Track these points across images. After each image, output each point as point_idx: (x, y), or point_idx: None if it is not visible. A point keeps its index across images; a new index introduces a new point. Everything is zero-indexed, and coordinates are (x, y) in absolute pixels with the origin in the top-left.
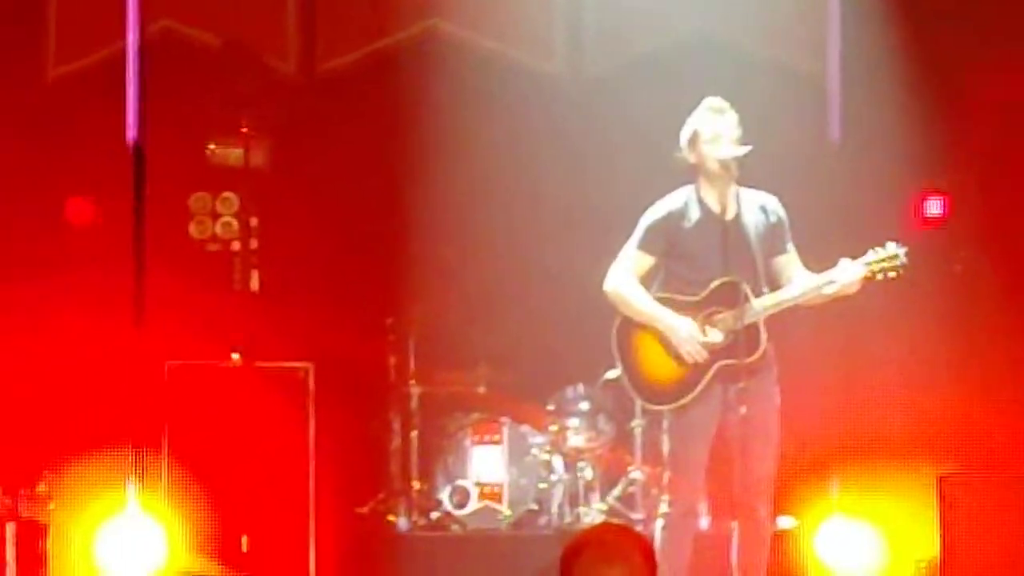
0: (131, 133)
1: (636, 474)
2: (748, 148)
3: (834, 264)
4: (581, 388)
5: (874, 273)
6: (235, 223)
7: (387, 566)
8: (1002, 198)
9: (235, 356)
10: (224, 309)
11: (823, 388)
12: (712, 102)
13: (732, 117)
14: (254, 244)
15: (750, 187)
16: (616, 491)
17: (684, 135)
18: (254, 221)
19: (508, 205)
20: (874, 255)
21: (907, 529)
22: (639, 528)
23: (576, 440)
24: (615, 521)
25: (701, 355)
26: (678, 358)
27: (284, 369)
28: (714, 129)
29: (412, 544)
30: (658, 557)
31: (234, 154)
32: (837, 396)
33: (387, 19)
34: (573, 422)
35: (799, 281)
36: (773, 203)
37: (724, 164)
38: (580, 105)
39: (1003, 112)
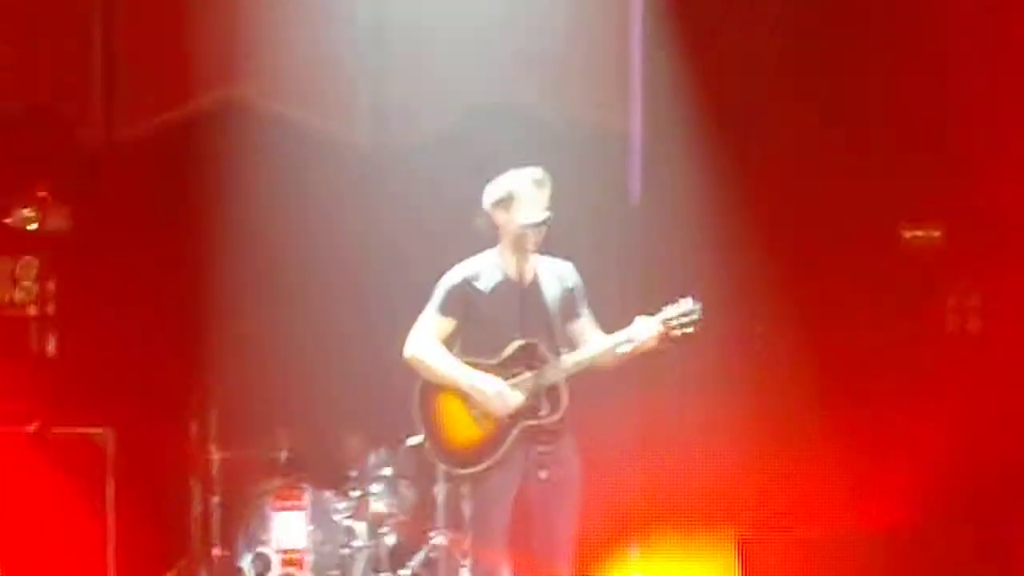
0: None
1: (438, 539)
2: (549, 214)
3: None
4: (383, 454)
5: (669, 329)
6: (35, 288)
7: None
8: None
9: (32, 425)
10: (20, 375)
11: (622, 449)
12: (535, 174)
13: (548, 191)
14: (51, 309)
15: (551, 251)
16: (419, 557)
17: (494, 196)
18: (51, 286)
19: (309, 274)
20: (670, 311)
21: None
22: None
23: (378, 506)
24: None
25: (508, 409)
26: (483, 418)
27: (82, 436)
28: (529, 198)
29: None
30: None
31: (32, 219)
32: (636, 457)
33: (190, 85)
34: (375, 488)
35: (594, 342)
36: (569, 270)
37: (528, 231)
38: (383, 175)
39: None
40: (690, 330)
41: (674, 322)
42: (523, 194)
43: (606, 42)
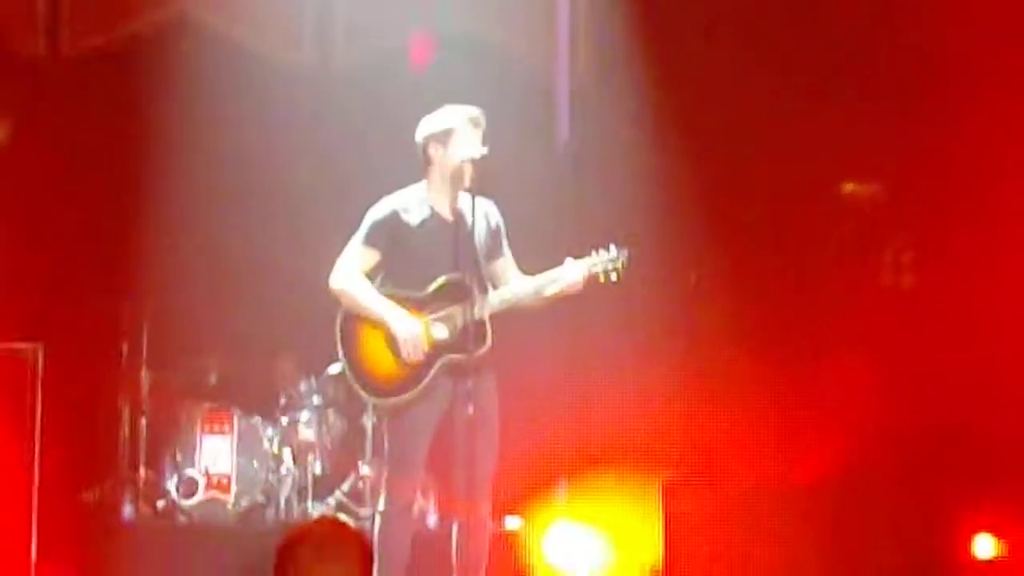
0: None
1: (365, 470)
2: (485, 150)
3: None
4: (313, 382)
5: (595, 274)
6: None
7: (111, 554)
8: (740, 207)
9: None
10: None
11: (553, 391)
12: (472, 112)
13: (482, 131)
14: None
15: (478, 190)
16: (345, 486)
17: (430, 130)
18: None
19: (247, 196)
20: (595, 256)
21: (633, 534)
22: (366, 524)
23: (307, 433)
24: (343, 516)
25: (418, 356)
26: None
27: (11, 350)
28: (466, 135)
29: (136, 533)
30: (375, 554)
31: None
32: (566, 399)
33: (135, 2)
34: (304, 415)
35: (520, 280)
36: (492, 208)
37: (462, 167)
38: (326, 97)
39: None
40: (615, 276)
41: (599, 267)
42: (460, 130)
43: None
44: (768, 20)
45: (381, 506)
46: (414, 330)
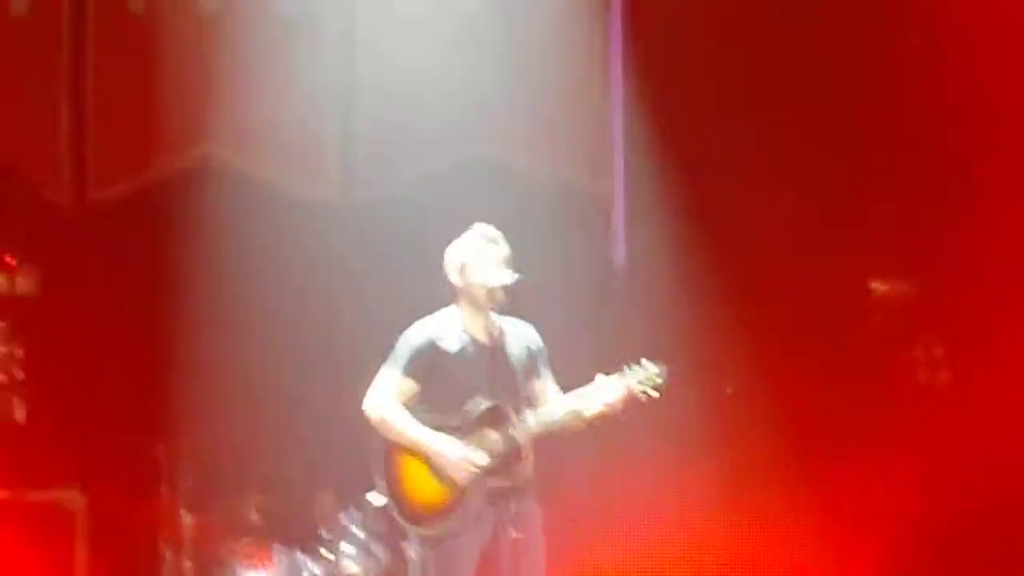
0: None
1: None
2: (516, 276)
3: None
4: (354, 513)
5: (634, 390)
6: (3, 352)
7: None
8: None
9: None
10: None
11: (592, 512)
12: (484, 230)
13: (503, 245)
14: (19, 374)
15: (520, 311)
16: None
17: (452, 260)
18: (19, 351)
19: (278, 332)
20: (630, 372)
21: None
22: None
23: (350, 566)
24: None
25: (471, 474)
26: (447, 481)
27: (52, 501)
28: (483, 257)
29: None
30: None
31: (1, 283)
32: (605, 519)
33: (159, 146)
34: (348, 548)
35: (558, 403)
36: (531, 331)
37: (492, 292)
38: (352, 231)
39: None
40: (656, 393)
41: (638, 385)
42: (476, 255)
43: (584, 99)
44: (804, 130)
45: None
46: (464, 453)
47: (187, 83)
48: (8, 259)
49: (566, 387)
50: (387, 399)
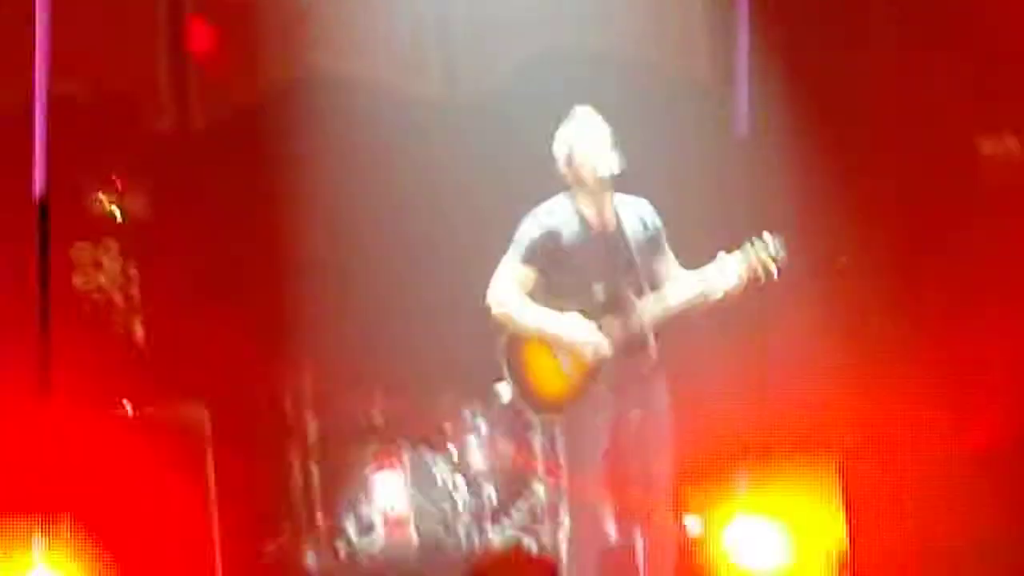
0: (38, 189)
1: (538, 487)
2: (622, 160)
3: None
4: (477, 407)
5: (754, 271)
6: (118, 272)
7: None
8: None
9: (127, 406)
10: (111, 359)
11: (718, 389)
12: (582, 114)
13: (604, 128)
14: (136, 292)
15: (637, 191)
16: (520, 506)
17: (558, 150)
18: (133, 270)
19: (389, 234)
20: (754, 249)
21: (815, 521)
22: (546, 540)
23: (476, 459)
24: (524, 539)
25: (603, 347)
26: (572, 365)
27: (179, 415)
28: (587, 143)
29: None
30: (564, 574)
31: (111, 204)
32: (734, 393)
33: (259, 63)
34: (472, 441)
35: (681, 284)
36: (648, 208)
37: (599, 177)
38: (456, 126)
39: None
40: (774, 271)
41: (758, 263)
42: (579, 142)
43: None
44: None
45: (566, 522)
46: (593, 331)
47: None
48: (116, 181)
49: (687, 265)
50: (509, 290)
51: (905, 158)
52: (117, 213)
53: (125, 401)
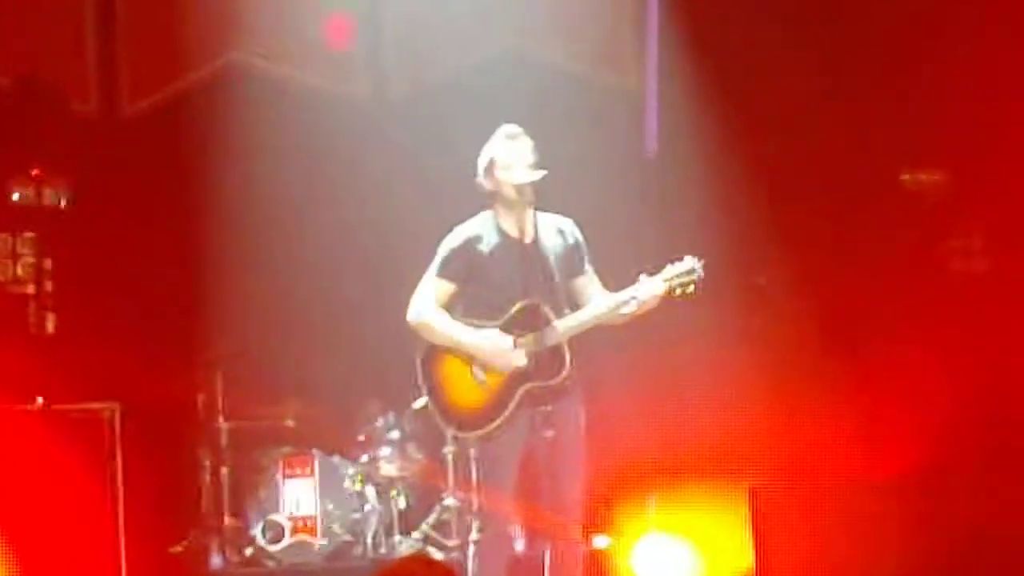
0: None
1: (449, 501)
2: (543, 173)
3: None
4: (391, 417)
5: (672, 288)
6: (34, 264)
7: None
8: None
9: (39, 400)
10: (23, 352)
11: (633, 408)
12: (506, 129)
13: (527, 143)
14: (50, 286)
15: (554, 208)
16: (430, 519)
17: (480, 162)
18: (48, 263)
19: (313, 234)
20: (672, 269)
21: (722, 542)
22: (455, 555)
23: (388, 469)
24: (431, 550)
25: (511, 365)
26: (487, 380)
27: (88, 411)
28: (508, 156)
29: None
30: None
31: (29, 194)
32: (646, 413)
33: (186, 53)
34: (384, 451)
35: (599, 300)
36: (570, 226)
37: (519, 189)
38: (383, 128)
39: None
40: (691, 289)
41: (676, 281)
42: (501, 154)
43: None
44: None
45: (474, 535)
46: (503, 345)
47: None
48: (35, 170)
49: (610, 281)
50: (426, 303)
51: (825, 180)
52: (36, 203)
53: (37, 396)
